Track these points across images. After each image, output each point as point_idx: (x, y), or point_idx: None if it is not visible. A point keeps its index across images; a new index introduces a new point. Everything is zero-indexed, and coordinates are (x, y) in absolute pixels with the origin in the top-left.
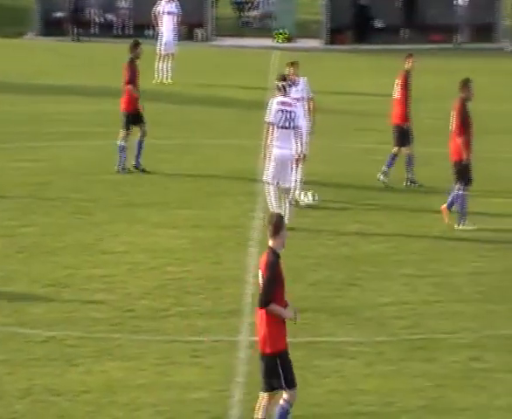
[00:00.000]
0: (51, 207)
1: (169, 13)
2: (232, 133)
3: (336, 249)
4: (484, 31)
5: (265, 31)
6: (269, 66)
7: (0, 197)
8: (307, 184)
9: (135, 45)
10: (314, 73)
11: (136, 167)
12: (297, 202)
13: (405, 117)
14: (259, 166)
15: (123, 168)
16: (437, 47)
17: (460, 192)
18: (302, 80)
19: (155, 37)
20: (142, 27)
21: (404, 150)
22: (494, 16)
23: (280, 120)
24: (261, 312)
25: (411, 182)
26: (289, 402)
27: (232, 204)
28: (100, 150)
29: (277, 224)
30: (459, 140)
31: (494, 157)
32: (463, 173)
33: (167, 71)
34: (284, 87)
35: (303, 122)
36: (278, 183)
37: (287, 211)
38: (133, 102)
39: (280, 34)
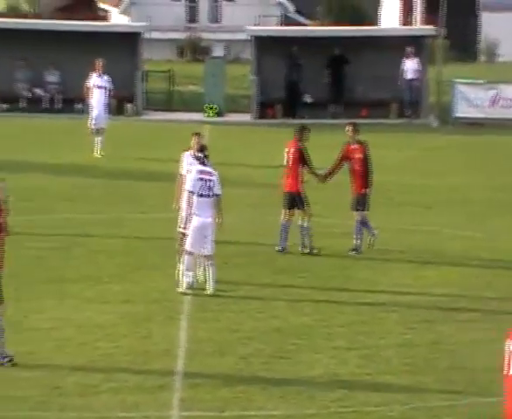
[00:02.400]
0: None
1: (99, 87)
2: (161, 206)
3: (266, 322)
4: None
5: (195, 106)
6: None
7: None
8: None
9: (303, 129)
10: (244, 147)
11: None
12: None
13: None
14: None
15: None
16: (367, 122)
17: None
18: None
19: (85, 111)
20: (72, 101)
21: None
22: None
23: (201, 188)
24: None
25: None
26: None
27: (162, 278)
28: (25, 225)
29: None
30: None
31: (414, 230)
32: None
33: (97, 144)
34: (202, 158)
35: (220, 191)
36: (198, 251)
37: (212, 278)
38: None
39: (211, 108)
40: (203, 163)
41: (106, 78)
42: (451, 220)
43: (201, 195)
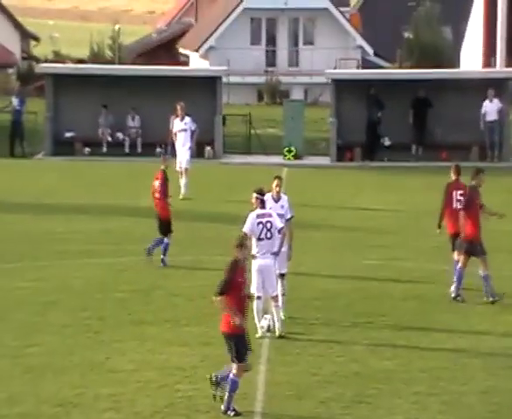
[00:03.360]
0: (58, 326)
1: (181, 131)
2: None
3: (346, 366)
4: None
5: (274, 149)
6: None
7: (4, 318)
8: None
9: (477, 172)
10: (323, 190)
11: None
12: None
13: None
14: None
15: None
16: (447, 165)
17: None
18: (284, 198)
19: (167, 154)
20: (151, 145)
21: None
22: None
23: (261, 232)
24: None
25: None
26: None
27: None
28: (109, 268)
29: None
30: None
31: (497, 275)
32: None
33: (182, 186)
34: (262, 201)
35: (282, 223)
36: (264, 293)
37: (278, 320)
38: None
39: (289, 151)
40: (262, 206)
41: (187, 120)
42: None
43: (261, 239)
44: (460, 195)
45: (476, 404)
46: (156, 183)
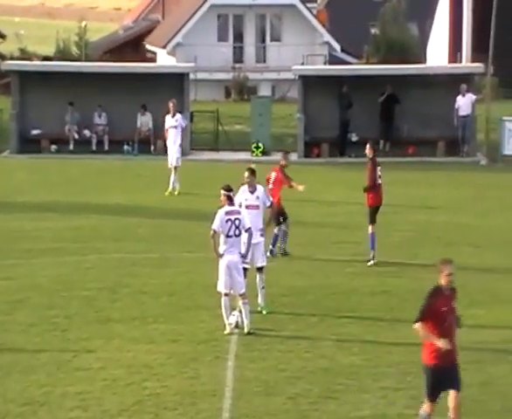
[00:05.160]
0: (25, 325)
1: (172, 127)
2: (207, 245)
3: (314, 361)
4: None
5: (242, 145)
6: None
7: None
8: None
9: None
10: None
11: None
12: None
13: None
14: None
15: None
16: (414, 160)
17: None
18: (259, 188)
19: (133, 152)
20: (118, 143)
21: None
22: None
23: (229, 229)
24: None
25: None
26: None
27: (209, 318)
28: (76, 266)
29: None
30: None
31: (463, 269)
32: None
33: (171, 183)
34: (230, 197)
35: (250, 222)
36: (232, 291)
37: (246, 317)
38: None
39: (257, 148)
40: (230, 203)
41: (178, 116)
42: (501, 260)
43: (229, 236)
44: (380, 170)
45: (442, 398)
46: (272, 175)
